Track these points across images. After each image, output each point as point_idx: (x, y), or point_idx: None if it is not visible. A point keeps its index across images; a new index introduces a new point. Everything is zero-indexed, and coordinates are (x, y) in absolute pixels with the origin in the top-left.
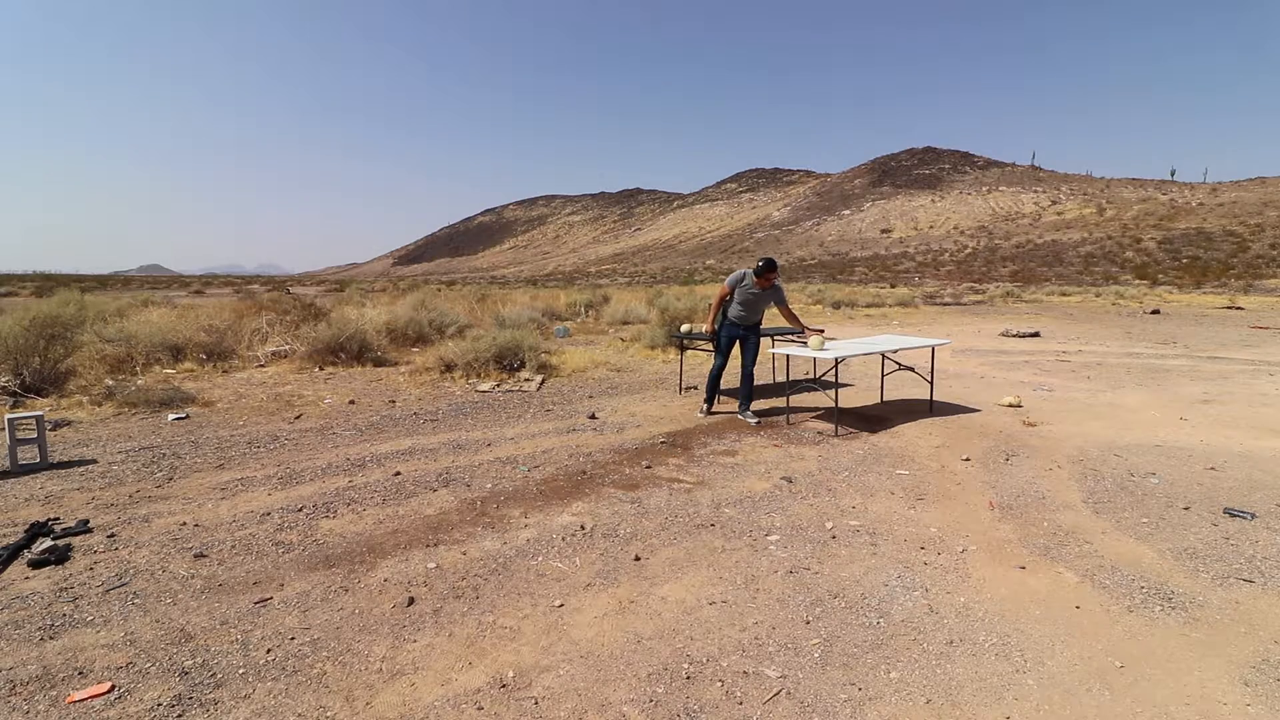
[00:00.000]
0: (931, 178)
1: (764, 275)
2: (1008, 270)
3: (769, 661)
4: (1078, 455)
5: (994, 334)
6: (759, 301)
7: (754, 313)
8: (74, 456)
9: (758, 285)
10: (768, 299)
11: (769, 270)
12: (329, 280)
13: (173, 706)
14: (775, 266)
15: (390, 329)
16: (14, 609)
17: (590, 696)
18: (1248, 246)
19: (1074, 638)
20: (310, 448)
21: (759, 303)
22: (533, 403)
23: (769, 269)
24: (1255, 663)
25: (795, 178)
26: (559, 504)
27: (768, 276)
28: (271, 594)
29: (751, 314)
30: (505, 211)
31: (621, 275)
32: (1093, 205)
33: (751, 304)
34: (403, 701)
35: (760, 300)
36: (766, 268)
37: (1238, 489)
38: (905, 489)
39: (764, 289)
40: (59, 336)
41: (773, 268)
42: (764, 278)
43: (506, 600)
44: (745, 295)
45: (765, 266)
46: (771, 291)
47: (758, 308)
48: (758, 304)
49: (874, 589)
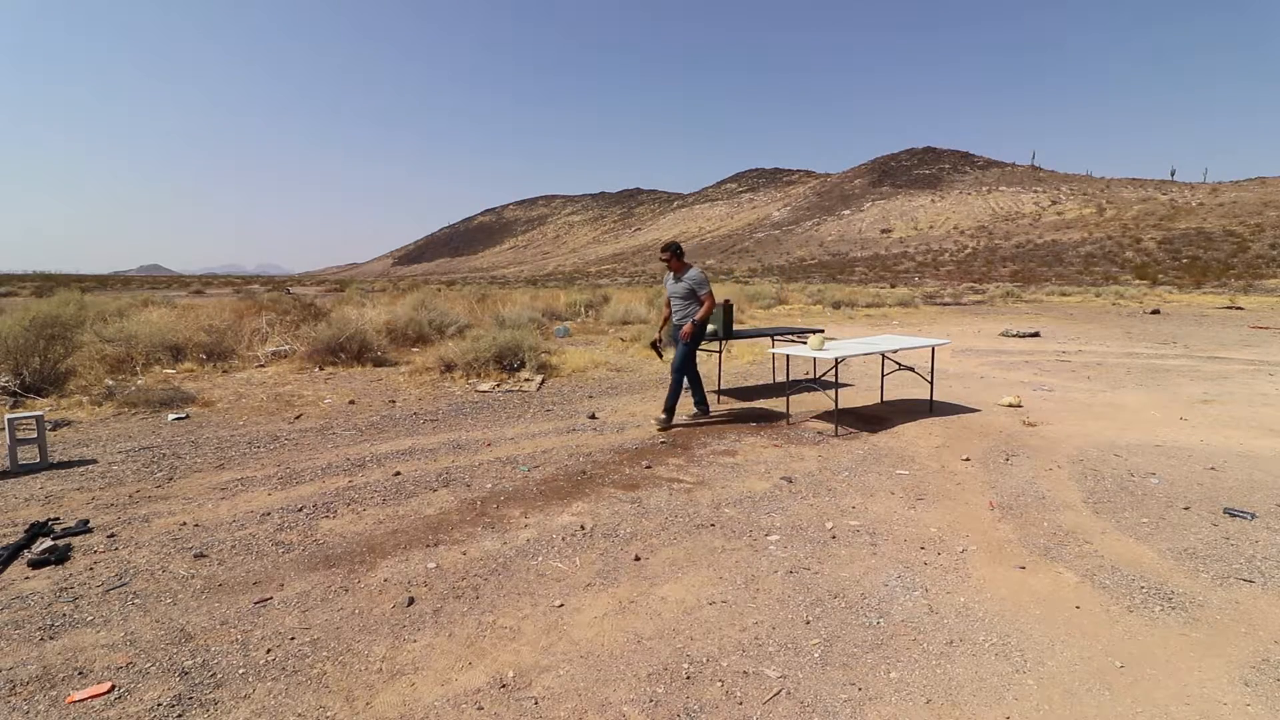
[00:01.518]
0: (931, 178)
1: (667, 262)
2: (1008, 270)
3: (769, 661)
4: (1078, 455)
5: (994, 334)
6: (681, 295)
7: (680, 309)
8: (74, 456)
9: (672, 277)
10: (686, 289)
11: (665, 253)
12: (329, 280)
13: (173, 706)
14: (673, 249)
15: (390, 329)
16: (14, 609)
17: (590, 696)
18: (1248, 246)
19: (1074, 638)
20: (310, 448)
21: (682, 297)
22: (533, 403)
23: (665, 251)
24: (1255, 663)
25: (795, 178)
26: (559, 504)
27: (670, 262)
28: (271, 594)
29: (678, 311)
30: (505, 211)
31: (621, 275)
32: (1093, 205)
33: (676, 300)
34: (403, 701)
35: (681, 294)
36: (663, 250)
37: (1238, 489)
38: (905, 489)
39: (677, 278)
40: (59, 336)
41: (669, 250)
42: (668, 265)
43: (506, 600)
44: (670, 291)
45: (663, 249)
46: (688, 279)
47: (684, 303)
48: (682, 298)
49: (874, 589)
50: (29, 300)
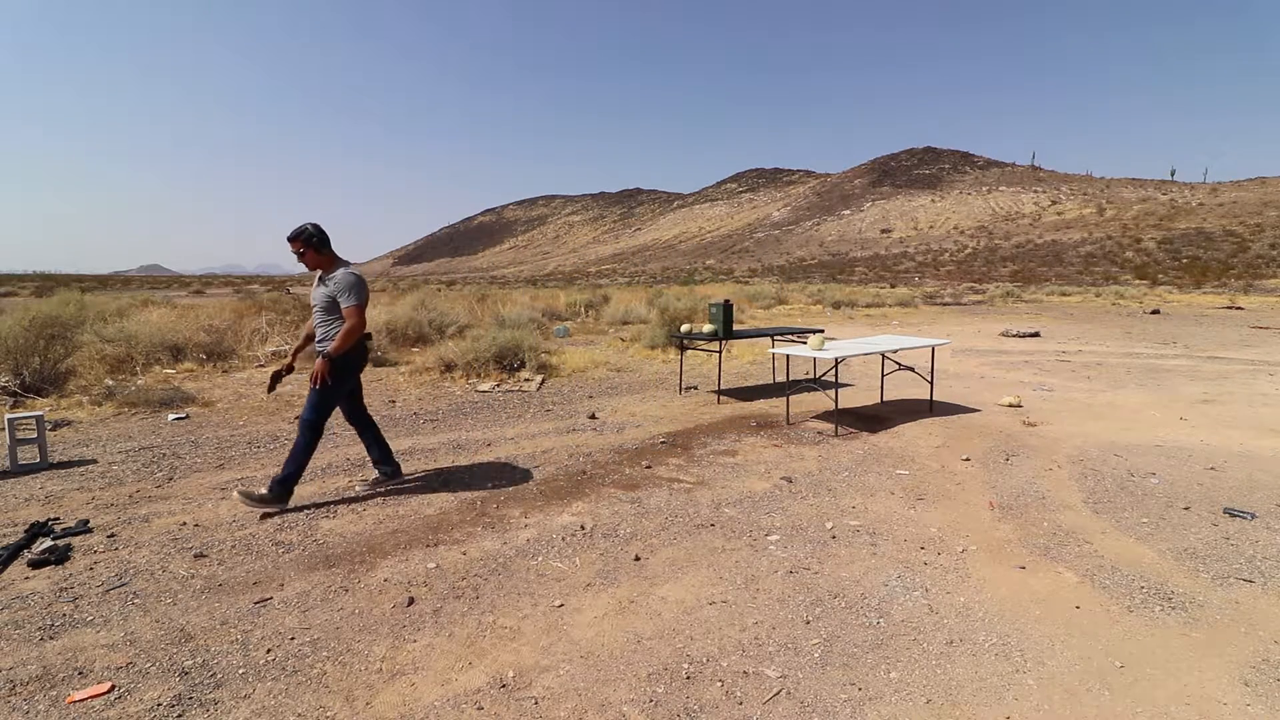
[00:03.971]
0: (931, 178)
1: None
2: (1008, 270)
3: (769, 661)
4: (1078, 455)
5: (994, 334)
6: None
7: (325, 326)
8: (74, 456)
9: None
10: (326, 298)
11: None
12: None
13: (173, 706)
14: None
15: (390, 329)
16: (14, 609)
17: (590, 696)
18: (1248, 246)
19: (1074, 638)
20: None
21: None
22: (533, 403)
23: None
24: (1255, 663)
25: (795, 178)
26: (559, 504)
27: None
28: (271, 594)
29: (322, 329)
30: (505, 211)
31: (621, 275)
32: (1093, 205)
33: (319, 313)
34: (403, 701)
35: (322, 304)
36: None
37: (1238, 489)
38: (905, 489)
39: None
40: (59, 336)
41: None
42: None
43: (506, 600)
44: (313, 299)
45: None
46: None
47: (327, 319)
48: (324, 311)
49: (874, 589)
50: (29, 300)
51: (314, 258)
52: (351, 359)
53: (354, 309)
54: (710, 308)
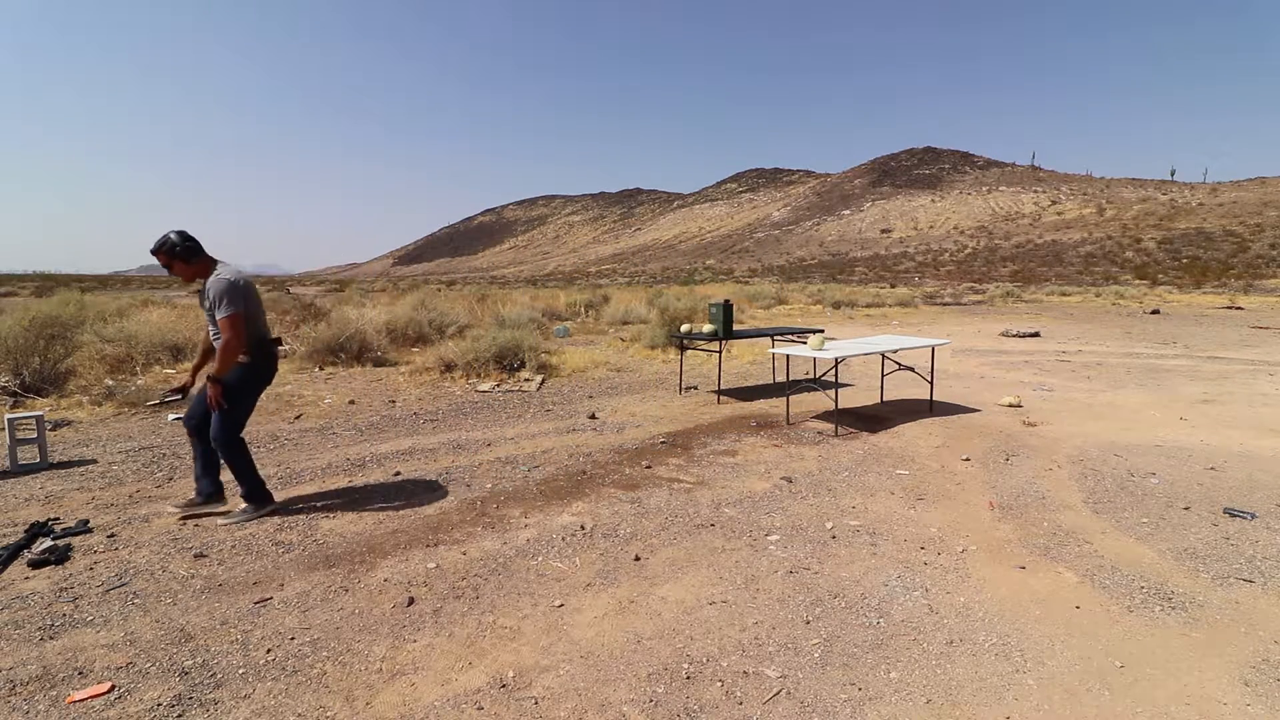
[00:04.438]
0: (931, 178)
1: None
2: (1008, 270)
3: (769, 661)
4: (1078, 455)
5: (994, 334)
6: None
7: (216, 339)
8: (74, 456)
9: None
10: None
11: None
12: (329, 280)
13: (173, 706)
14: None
15: (390, 329)
16: (14, 609)
17: (590, 696)
18: (1248, 246)
19: (1074, 638)
20: (310, 448)
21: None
22: (533, 403)
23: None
24: (1255, 663)
25: (795, 178)
26: (559, 504)
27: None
28: (271, 594)
29: (215, 340)
30: (505, 211)
31: (621, 275)
32: (1093, 205)
33: (212, 326)
34: (403, 701)
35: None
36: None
37: (1238, 489)
38: (905, 489)
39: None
40: (59, 336)
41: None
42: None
43: (506, 600)
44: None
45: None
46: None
47: (215, 330)
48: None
49: (874, 589)
50: (29, 300)
51: (184, 268)
52: (258, 368)
53: (228, 320)
54: (710, 308)
